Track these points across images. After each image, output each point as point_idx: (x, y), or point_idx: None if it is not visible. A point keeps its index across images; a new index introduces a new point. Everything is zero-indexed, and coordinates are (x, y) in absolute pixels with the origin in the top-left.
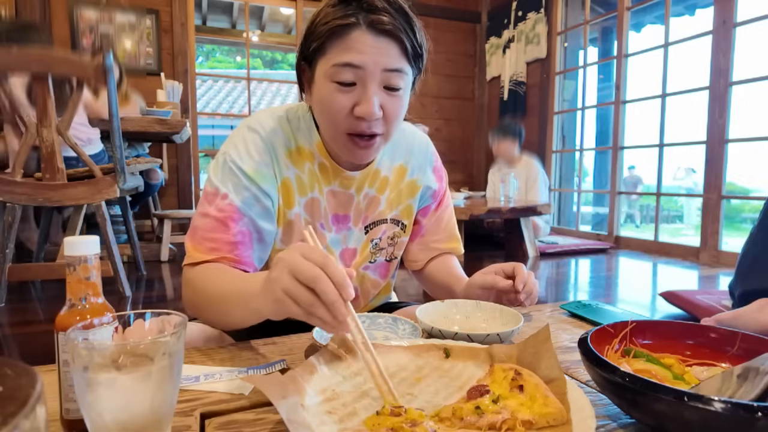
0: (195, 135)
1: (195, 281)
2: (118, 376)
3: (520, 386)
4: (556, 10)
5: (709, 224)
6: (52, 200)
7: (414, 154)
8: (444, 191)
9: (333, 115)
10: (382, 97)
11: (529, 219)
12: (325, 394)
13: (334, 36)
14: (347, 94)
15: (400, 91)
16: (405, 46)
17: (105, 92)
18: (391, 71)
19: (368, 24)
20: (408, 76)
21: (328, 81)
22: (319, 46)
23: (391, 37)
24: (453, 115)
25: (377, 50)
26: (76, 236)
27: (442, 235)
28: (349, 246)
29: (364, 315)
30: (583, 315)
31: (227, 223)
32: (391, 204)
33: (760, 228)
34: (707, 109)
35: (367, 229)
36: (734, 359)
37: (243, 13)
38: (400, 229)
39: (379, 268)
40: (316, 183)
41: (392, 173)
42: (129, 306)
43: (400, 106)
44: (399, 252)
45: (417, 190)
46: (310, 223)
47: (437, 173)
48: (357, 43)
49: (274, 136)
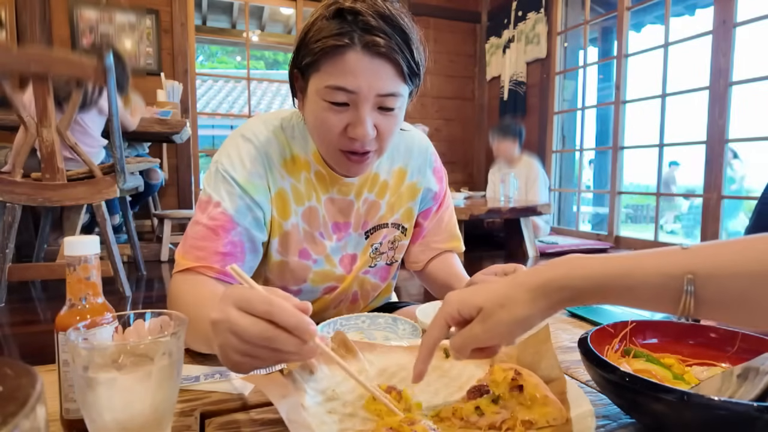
0: (195, 135)
1: (175, 293)
2: (118, 376)
3: (519, 386)
4: (556, 10)
5: (709, 224)
6: (52, 200)
7: (413, 156)
8: (444, 192)
9: (325, 134)
10: (375, 117)
11: (529, 219)
12: (325, 394)
13: (328, 55)
14: (340, 114)
15: (395, 111)
16: (401, 68)
17: (131, 101)
18: (384, 96)
19: (363, 45)
20: (403, 96)
21: (320, 99)
22: (312, 61)
23: (386, 59)
24: (453, 115)
25: (372, 73)
26: (76, 236)
27: (443, 235)
28: (348, 252)
29: (364, 315)
30: (583, 315)
31: (218, 232)
32: (392, 208)
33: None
34: (707, 109)
35: (368, 234)
36: (734, 359)
37: (243, 13)
38: (401, 232)
39: (379, 272)
40: (313, 192)
41: (392, 177)
42: (129, 306)
43: (394, 124)
44: (399, 255)
45: (417, 192)
46: (308, 232)
47: (437, 174)
48: (351, 66)
49: (269, 146)
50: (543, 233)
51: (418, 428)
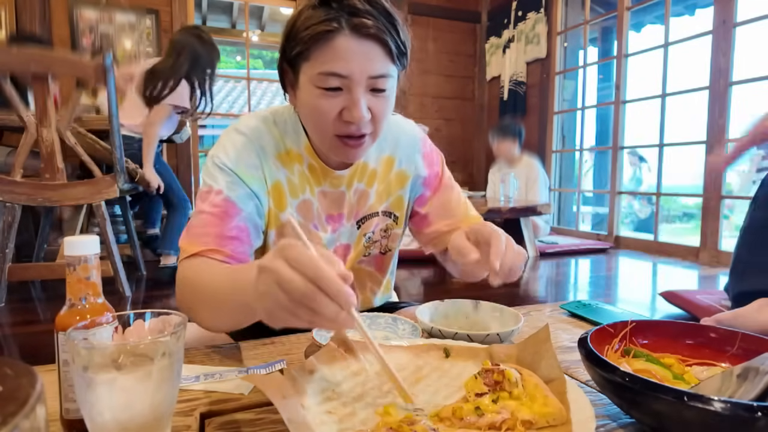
0: (195, 135)
1: (186, 278)
2: (118, 376)
3: (499, 383)
4: (556, 10)
5: (708, 224)
6: (51, 200)
7: (401, 144)
8: (438, 175)
9: (321, 120)
10: (368, 99)
11: (529, 219)
12: (325, 394)
13: (318, 42)
14: (334, 99)
15: (386, 92)
16: (389, 48)
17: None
18: (376, 77)
19: (351, 28)
20: (393, 77)
21: (313, 87)
22: (301, 51)
23: (375, 40)
24: (453, 115)
25: (362, 56)
26: (76, 236)
27: (455, 218)
28: (342, 242)
29: (364, 315)
30: (583, 315)
31: (223, 217)
32: (381, 196)
33: (748, 230)
34: (707, 109)
35: (359, 223)
36: (734, 359)
37: (243, 13)
38: (393, 221)
39: (373, 261)
40: (306, 184)
41: (380, 165)
42: (129, 306)
43: (387, 106)
44: (393, 244)
45: (407, 179)
46: (303, 225)
47: (427, 159)
48: (341, 51)
49: (263, 139)
50: (543, 233)
51: (418, 428)
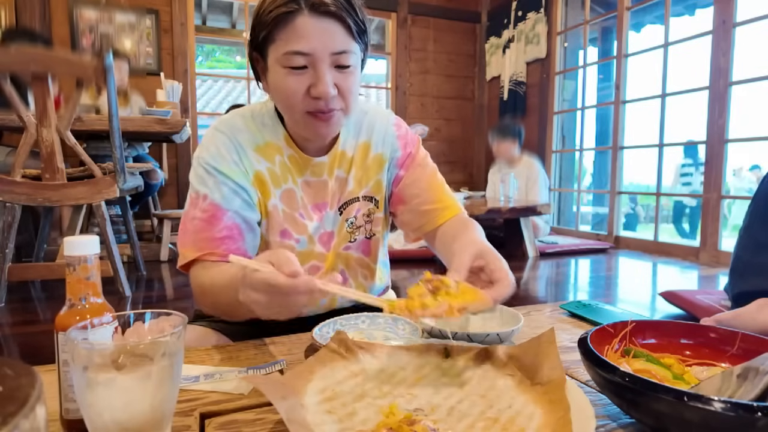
0: (195, 135)
1: (195, 285)
2: (117, 376)
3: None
4: (556, 10)
5: (708, 224)
6: (51, 200)
7: (376, 129)
8: (410, 155)
9: (290, 98)
10: (334, 76)
11: (529, 219)
12: (325, 394)
13: (280, 24)
14: (301, 76)
15: (351, 68)
16: (349, 25)
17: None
18: (339, 53)
19: (310, 8)
20: (356, 53)
21: (280, 67)
22: (267, 34)
23: (334, 18)
24: (453, 115)
25: (323, 33)
26: (76, 236)
27: (427, 196)
28: (326, 229)
29: (364, 315)
30: (583, 315)
31: (211, 221)
32: (360, 182)
33: (747, 230)
34: (707, 109)
35: (341, 209)
36: (734, 359)
37: (243, 13)
38: (374, 205)
39: (360, 246)
40: (289, 174)
41: (357, 151)
42: (129, 306)
43: (353, 81)
44: (377, 228)
45: (383, 163)
46: (289, 214)
47: (402, 141)
48: (302, 30)
49: (240, 135)
50: (543, 233)
51: (418, 428)
